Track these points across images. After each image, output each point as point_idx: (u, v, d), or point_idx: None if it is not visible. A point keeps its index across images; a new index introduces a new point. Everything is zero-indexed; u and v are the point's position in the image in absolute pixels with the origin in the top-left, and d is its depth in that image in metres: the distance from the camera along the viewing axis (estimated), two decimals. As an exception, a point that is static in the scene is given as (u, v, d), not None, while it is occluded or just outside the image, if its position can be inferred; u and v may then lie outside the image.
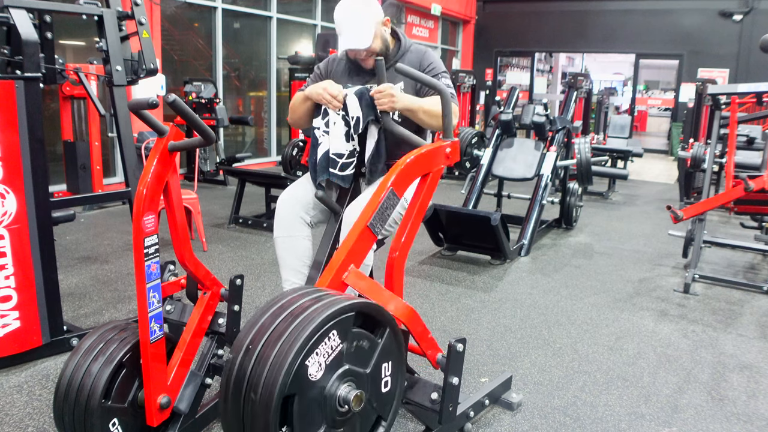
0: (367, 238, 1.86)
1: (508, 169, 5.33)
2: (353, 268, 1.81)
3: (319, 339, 1.46)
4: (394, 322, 1.70)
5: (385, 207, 1.86)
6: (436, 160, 1.99)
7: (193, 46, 8.62)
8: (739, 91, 4.37)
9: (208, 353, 2.14)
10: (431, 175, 1.98)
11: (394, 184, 1.88)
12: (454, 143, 2.04)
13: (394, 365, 1.71)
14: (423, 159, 1.94)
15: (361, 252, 1.85)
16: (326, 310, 1.48)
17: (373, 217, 1.83)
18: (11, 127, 2.51)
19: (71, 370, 1.83)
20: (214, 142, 2.18)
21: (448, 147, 2.02)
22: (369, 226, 1.84)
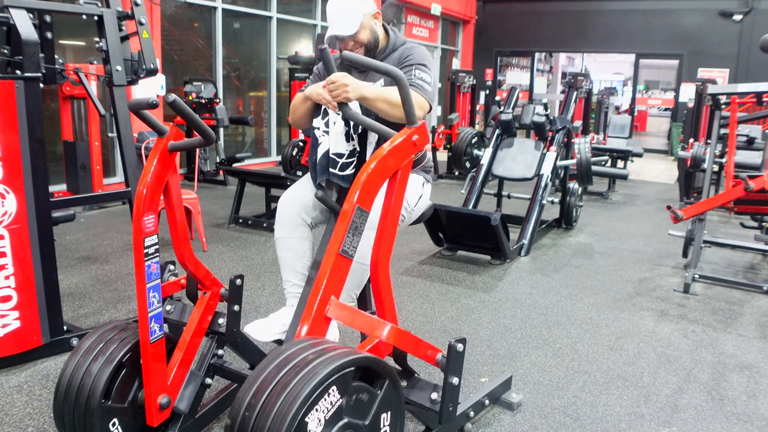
0: (342, 264, 1.79)
1: (508, 169, 5.33)
2: (334, 300, 1.78)
3: (319, 396, 1.47)
4: (394, 373, 1.69)
5: (356, 227, 1.78)
6: (405, 154, 1.86)
7: (193, 46, 8.62)
8: (739, 91, 4.37)
9: (208, 353, 2.14)
10: (400, 172, 1.87)
11: (360, 201, 1.78)
12: (419, 128, 1.89)
13: (393, 415, 1.70)
14: (387, 160, 1.82)
15: (339, 281, 1.80)
16: (327, 366, 1.49)
17: (344, 242, 1.77)
18: (11, 127, 2.51)
19: (71, 370, 1.83)
20: (214, 142, 2.18)
21: (414, 134, 1.88)
22: (342, 253, 1.78)
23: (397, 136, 1.86)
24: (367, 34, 2.32)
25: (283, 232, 2.38)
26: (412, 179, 2.34)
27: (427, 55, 2.37)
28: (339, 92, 2.01)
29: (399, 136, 1.86)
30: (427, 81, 2.24)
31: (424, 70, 2.26)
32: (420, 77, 2.23)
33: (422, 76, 2.24)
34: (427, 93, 2.21)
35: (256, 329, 2.28)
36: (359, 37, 2.30)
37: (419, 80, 2.22)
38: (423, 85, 2.22)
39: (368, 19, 2.31)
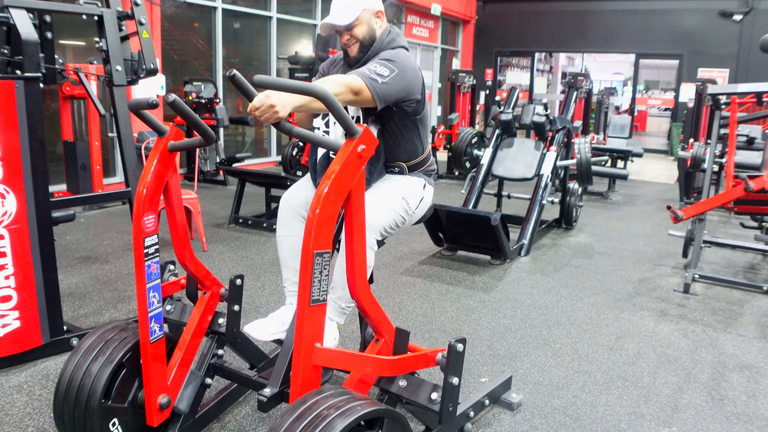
0: (317, 312, 1.71)
1: (508, 169, 5.33)
2: (318, 347, 1.73)
3: None
4: (391, 411, 1.67)
5: (320, 271, 1.67)
6: (352, 173, 1.68)
7: (193, 46, 8.62)
8: (739, 91, 4.37)
9: (208, 353, 2.14)
10: (353, 192, 1.70)
11: (317, 246, 1.64)
12: (362, 135, 1.69)
13: None
14: (334, 190, 1.64)
15: (318, 328, 1.72)
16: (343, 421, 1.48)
17: (311, 293, 1.67)
18: (11, 127, 2.51)
19: (71, 370, 1.83)
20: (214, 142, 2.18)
21: (358, 145, 1.68)
22: (313, 303, 1.68)
23: (338, 156, 1.68)
24: (363, 29, 2.26)
25: (284, 232, 2.38)
26: (414, 181, 2.34)
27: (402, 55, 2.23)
28: (268, 115, 1.80)
29: (341, 154, 1.68)
30: (380, 73, 2.08)
31: (383, 64, 2.13)
32: (373, 69, 2.09)
33: (376, 68, 2.09)
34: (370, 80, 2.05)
35: (256, 329, 2.28)
36: (355, 31, 2.25)
37: (368, 70, 2.08)
38: (370, 74, 2.07)
39: (368, 15, 2.28)
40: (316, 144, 1.86)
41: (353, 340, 2.96)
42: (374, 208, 2.10)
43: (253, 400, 2.42)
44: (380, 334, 1.96)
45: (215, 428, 2.25)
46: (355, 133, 1.69)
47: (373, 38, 2.31)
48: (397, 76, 2.12)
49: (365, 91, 2.03)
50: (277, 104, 1.80)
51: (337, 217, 1.69)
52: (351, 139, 1.69)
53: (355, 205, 1.72)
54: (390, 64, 2.12)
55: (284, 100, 1.83)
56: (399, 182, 2.31)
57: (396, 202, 2.22)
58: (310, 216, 1.64)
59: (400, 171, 2.34)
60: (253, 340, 2.33)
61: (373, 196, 2.17)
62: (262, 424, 2.28)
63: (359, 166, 1.69)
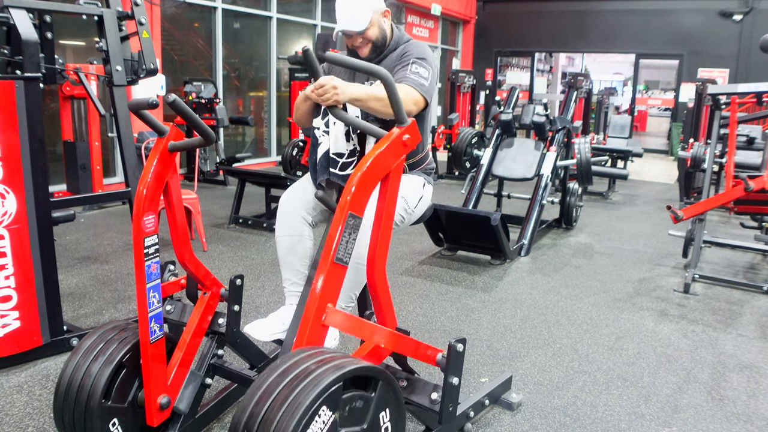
0: (337, 272, 1.77)
1: (508, 169, 5.33)
2: (330, 308, 1.77)
3: (309, 419, 1.45)
4: (385, 372, 1.67)
5: (349, 233, 1.75)
6: (395, 155, 1.82)
7: (193, 46, 8.62)
8: (739, 91, 4.37)
9: (208, 353, 2.14)
10: (391, 174, 1.83)
11: (352, 207, 1.74)
12: (410, 127, 1.84)
13: (392, 411, 1.69)
14: (376, 165, 1.78)
15: (335, 288, 1.78)
16: (314, 390, 1.46)
17: (337, 250, 1.74)
18: (11, 127, 2.51)
19: (71, 370, 1.83)
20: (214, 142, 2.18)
21: (404, 134, 1.82)
22: (336, 261, 1.75)
23: (385, 138, 1.81)
24: (375, 31, 2.31)
25: (283, 231, 2.38)
26: (413, 180, 2.34)
27: (427, 50, 2.33)
28: (329, 95, 1.97)
29: (388, 137, 1.81)
30: (423, 75, 2.19)
31: (421, 64, 2.22)
32: (416, 71, 2.19)
33: (418, 70, 2.20)
34: (421, 87, 2.17)
35: (256, 329, 2.28)
36: (368, 34, 2.29)
37: (414, 74, 2.18)
38: (418, 79, 2.17)
39: (377, 17, 2.31)
40: (365, 131, 2.00)
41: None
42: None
43: (253, 400, 2.42)
44: (383, 322, 1.96)
45: (215, 428, 2.25)
46: (404, 122, 1.84)
47: (384, 38, 2.36)
48: (433, 73, 2.29)
49: (421, 101, 2.17)
50: (339, 87, 1.97)
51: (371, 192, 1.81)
52: (400, 126, 1.83)
53: (391, 187, 1.85)
54: (425, 63, 2.24)
55: (347, 86, 2.02)
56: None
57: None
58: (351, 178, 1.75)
59: None
60: (253, 340, 2.33)
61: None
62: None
63: (401, 153, 1.83)
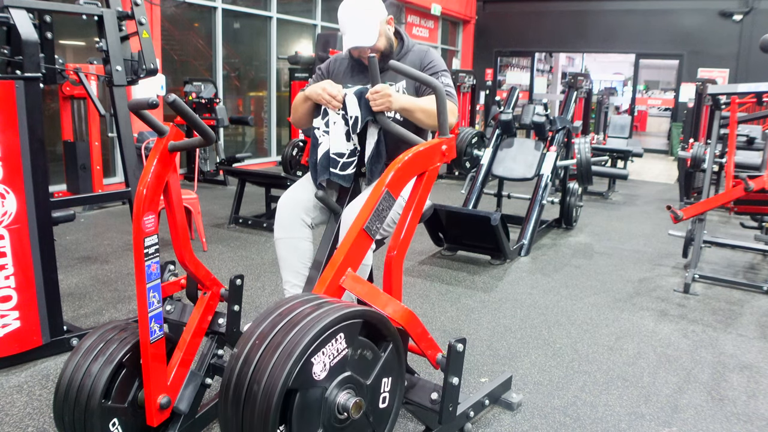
0: (363, 241, 1.84)
1: (508, 169, 5.33)
2: (350, 272, 1.81)
3: (327, 338, 1.46)
4: (399, 339, 1.70)
5: (382, 209, 1.84)
6: (433, 159, 1.97)
7: (193, 46, 8.62)
8: (739, 91, 4.37)
9: (208, 353, 2.14)
10: (427, 174, 1.97)
11: (390, 186, 1.86)
12: (450, 140, 2.02)
13: (393, 382, 1.70)
14: (419, 158, 1.92)
15: (358, 255, 1.85)
16: (336, 312, 1.49)
17: (369, 219, 1.82)
18: (11, 127, 2.51)
19: (71, 371, 1.83)
20: (214, 142, 2.19)
21: (444, 144, 2.00)
22: (365, 229, 1.83)
23: (430, 141, 1.98)
24: (383, 41, 2.36)
25: (283, 233, 2.38)
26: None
27: (441, 59, 2.45)
28: (382, 101, 2.13)
29: (431, 141, 1.98)
30: (451, 85, 2.32)
31: (447, 76, 2.35)
32: (448, 84, 2.30)
33: (448, 82, 2.32)
34: (454, 99, 2.29)
35: None
36: (377, 45, 2.33)
37: (448, 87, 2.28)
38: (451, 91, 2.29)
39: (383, 27, 2.36)
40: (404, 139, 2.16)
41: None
42: None
43: (253, 400, 2.42)
44: None
45: (215, 428, 2.24)
46: (446, 134, 2.04)
47: (391, 45, 2.41)
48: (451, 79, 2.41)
49: (456, 111, 2.31)
50: (393, 96, 2.15)
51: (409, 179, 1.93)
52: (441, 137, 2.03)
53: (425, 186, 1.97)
54: (448, 74, 2.39)
55: (399, 97, 2.19)
56: None
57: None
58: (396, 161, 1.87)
59: None
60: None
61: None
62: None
63: (437, 159, 1.99)
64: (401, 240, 1.96)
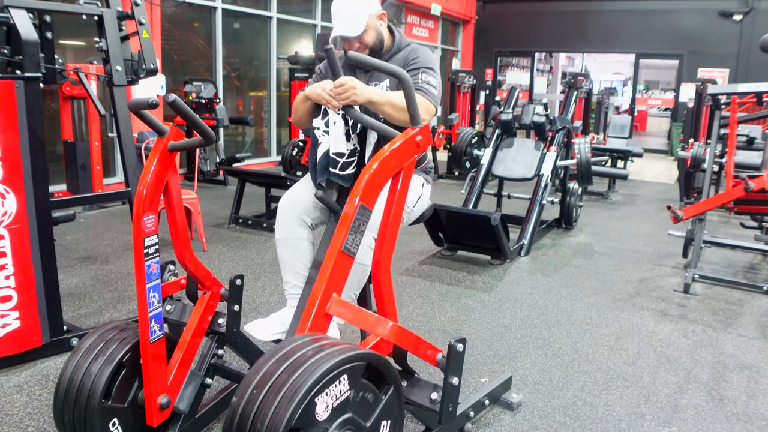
0: (344, 262, 1.78)
1: (508, 169, 5.33)
2: (335, 297, 1.77)
3: (331, 380, 1.47)
4: (399, 381, 1.70)
5: (358, 224, 1.77)
6: (408, 154, 1.87)
7: (193, 46, 8.62)
8: (739, 91, 4.37)
9: (208, 353, 2.14)
10: (403, 172, 1.87)
11: (363, 198, 1.77)
12: (423, 129, 1.90)
13: (392, 425, 1.70)
14: (390, 160, 1.83)
15: (340, 278, 1.79)
16: (341, 355, 1.50)
17: (346, 240, 1.76)
18: (11, 127, 2.51)
19: (71, 371, 1.83)
20: (214, 142, 2.18)
21: (417, 135, 1.89)
22: (344, 251, 1.76)
23: (400, 137, 1.87)
24: (372, 35, 2.32)
25: (283, 233, 2.38)
26: (412, 180, 2.34)
27: (433, 57, 2.38)
28: (347, 95, 2.05)
29: (402, 136, 1.86)
30: (433, 84, 2.26)
31: (430, 74, 2.28)
32: (426, 81, 2.25)
33: (428, 79, 2.27)
34: (432, 96, 2.24)
35: (256, 328, 2.28)
36: (365, 38, 2.30)
37: (425, 84, 2.24)
38: (429, 88, 2.25)
39: (374, 21, 2.32)
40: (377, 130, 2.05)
41: (354, 339, 2.95)
42: None
43: (253, 400, 2.42)
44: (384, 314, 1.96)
45: (215, 428, 2.24)
46: (419, 123, 1.90)
47: (381, 42, 2.36)
48: (439, 81, 2.32)
49: (433, 110, 2.24)
50: (358, 88, 2.05)
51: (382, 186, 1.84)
52: (413, 127, 1.89)
53: (402, 185, 1.88)
54: (433, 72, 2.31)
55: (365, 88, 2.09)
56: None
57: None
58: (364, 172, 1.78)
59: None
60: (254, 340, 2.33)
61: None
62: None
63: (413, 152, 1.88)
64: (384, 246, 1.89)
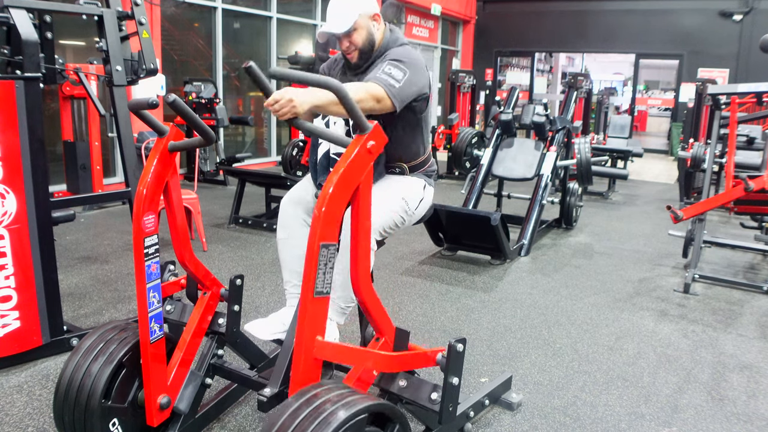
0: (320, 304, 1.70)
1: (508, 169, 5.33)
2: (319, 340, 1.73)
3: None
4: (404, 417, 1.69)
5: (325, 264, 1.67)
6: (362, 166, 1.68)
7: (193, 46, 8.62)
8: (739, 91, 4.37)
9: (208, 353, 2.14)
10: (361, 187, 1.71)
11: (323, 238, 1.64)
12: (373, 131, 1.69)
13: None
14: (342, 184, 1.65)
15: (320, 320, 1.73)
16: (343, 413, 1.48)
17: (316, 284, 1.66)
18: (11, 127, 2.51)
19: (71, 371, 1.83)
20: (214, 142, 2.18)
21: (368, 141, 1.68)
22: (317, 295, 1.68)
23: (348, 151, 1.67)
24: (362, 35, 2.24)
25: (284, 234, 2.38)
26: (414, 182, 2.34)
27: (410, 53, 2.22)
28: (286, 110, 1.83)
29: (351, 148, 1.68)
30: (395, 76, 2.08)
31: (395, 65, 2.13)
32: (387, 72, 2.10)
33: (390, 71, 2.10)
34: (389, 86, 2.06)
35: (256, 327, 2.28)
36: (354, 37, 2.24)
37: (384, 74, 2.09)
38: (387, 78, 2.08)
39: (365, 20, 2.25)
40: (328, 140, 1.86)
41: (353, 341, 2.95)
42: (374, 208, 2.10)
43: (253, 400, 2.42)
44: (381, 333, 1.96)
45: (215, 428, 2.25)
46: (366, 128, 1.69)
47: (372, 43, 2.28)
48: (411, 76, 2.13)
49: (386, 99, 2.05)
50: (295, 99, 1.82)
51: (344, 211, 1.71)
52: (361, 134, 1.69)
53: (363, 200, 1.73)
54: (402, 65, 2.12)
55: (303, 97, 1.85)
56: (399, 183, 2.31)
57: (396, 203, 2.22)
58: (316, 212, 1.64)
59: (400, 171, 2.34)
60: (253, 340, 2.33)
61: (373, 196, 2.17)
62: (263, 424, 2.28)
63: (368, 162, 1.70)
64: (359, 266, 1.79)
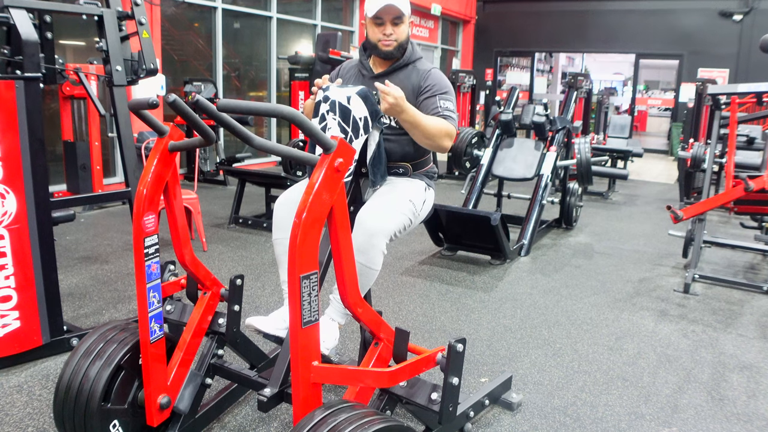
0: (311, 333, 1.68)
1: (508, 169, 5.33)
2: (316, 365, 1.71)
3: None
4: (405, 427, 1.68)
5: (308, 293, 1.64)
6: (331, 190, 1.63)
7: (193, 46, 8.62)
8: (739, 91, 4.37)
9: (208, 353, 2.14)
10: (335, 209, 1.66)
11: (302, 269, 1.61)
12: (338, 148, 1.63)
13: None
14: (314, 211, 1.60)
15: (314, 347, 1.71)
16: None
17: (302, 315, 1.65)
18: (11, 127, 2.51)
19: (70, 374, 1.83)
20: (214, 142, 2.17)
21: (336, 159, 1.62)
22: (305, 325, 1.66)
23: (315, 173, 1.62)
24: (405, 30, 2.29)
25: (281, 234, 2.37)
26: (415, 183, 2.34)
27: (446, 81, 2.34)
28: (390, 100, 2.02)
29: (317, 170, 1.63)
30: (451, 109, 2.27)
31: (447, 98, 2.28)
32: (446, 107, 2.25)
33: (447, 105, 2.26)
34: (452, 120, 2.25)
35: (259, 320, 2.27)
36: (400, 27, 2.26)
37: (446, 111, 2.23)
38: (449, 114, 2.24)
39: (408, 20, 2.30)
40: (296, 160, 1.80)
41: (353, 341, 2.96)
42: (385, 212, 2.12)
43: (253, 400, 2.42)
44: (379, 338, 1.96)
45: (215, 428, 2.25)
46: (330, 147, 1.63)
47: (405, 45, 2.33)
48: (454, 101, 2.32)
49: (454, 134, 2.24)
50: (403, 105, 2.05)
51: (320, 237, 1.68)
52: (327, 153, 1.63)
53: (339, 220, 1.68)
54: (449, 96, 2.29)
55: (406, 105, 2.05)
56: (403, 185, 2.30)
57: (405, 206, 2.23)
58: (291, 242, 1.60)
59: (404, 172, 2.34)
60: (254, 340, 2.33)
61: (381, 201, 2.18)
62: (262, 424, 2.28)
63: (338, 181, 1.65)
64: (347, 284, 1.77)
